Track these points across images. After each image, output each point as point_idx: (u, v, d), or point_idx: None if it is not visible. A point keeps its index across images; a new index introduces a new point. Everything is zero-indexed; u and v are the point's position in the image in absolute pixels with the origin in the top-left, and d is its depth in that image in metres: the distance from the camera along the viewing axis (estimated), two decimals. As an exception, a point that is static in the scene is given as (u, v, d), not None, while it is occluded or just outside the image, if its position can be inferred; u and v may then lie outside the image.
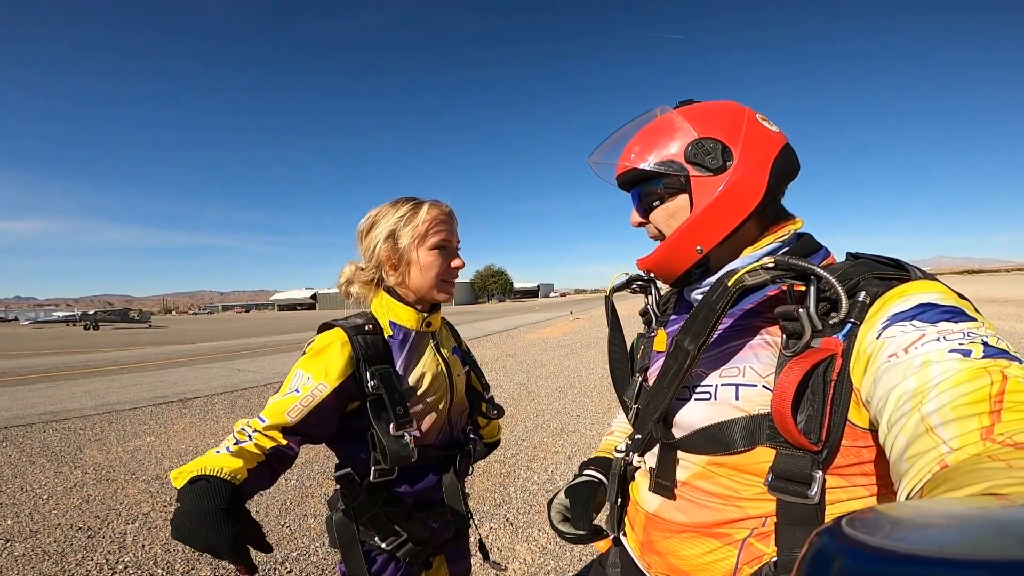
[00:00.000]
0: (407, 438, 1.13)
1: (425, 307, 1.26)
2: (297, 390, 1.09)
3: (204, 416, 6.28)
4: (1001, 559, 0.19)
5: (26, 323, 47.93)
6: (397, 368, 1.19)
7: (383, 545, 1.20)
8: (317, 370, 1.11)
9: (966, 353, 0.53)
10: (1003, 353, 0.53)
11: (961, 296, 0.64)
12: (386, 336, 1.21)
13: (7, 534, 3.16)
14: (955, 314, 0.59)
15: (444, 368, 1.27)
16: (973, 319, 0.59)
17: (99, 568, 2.77)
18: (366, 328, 1.18)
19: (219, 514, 0.91)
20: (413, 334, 1.24)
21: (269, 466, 1.09)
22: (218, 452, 1.03)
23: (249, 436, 1.07)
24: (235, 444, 1.05)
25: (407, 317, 1.23)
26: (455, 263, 1.24)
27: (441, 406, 1.25)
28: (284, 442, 1.09)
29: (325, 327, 1.19)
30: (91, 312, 40.25)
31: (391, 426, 1.12)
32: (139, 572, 2.72)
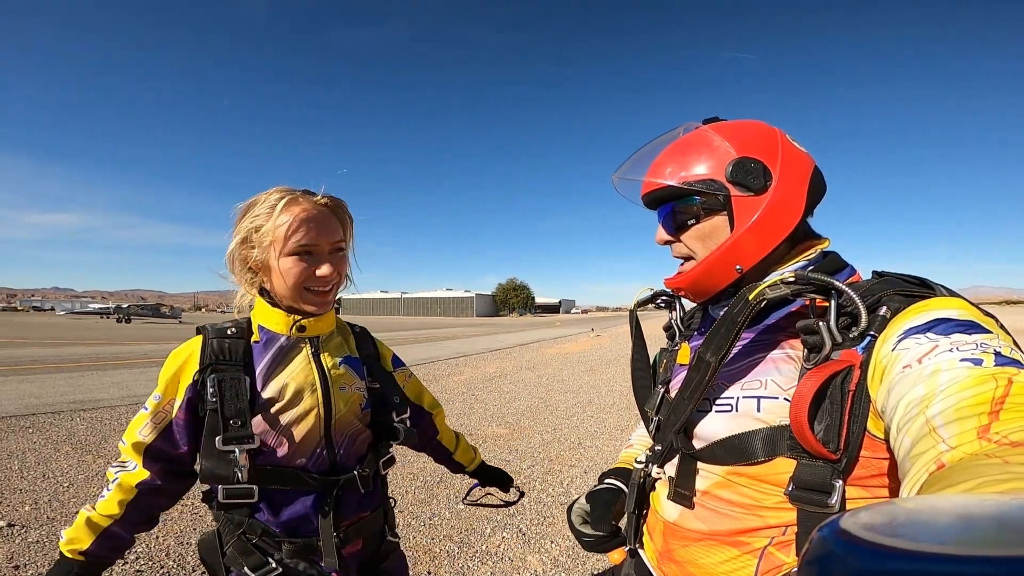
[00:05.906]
0: (237, 454, 1.00)
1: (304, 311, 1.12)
2: (147, 407, 1.06)
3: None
4: (1002, 555, 0.19)
5: (62, 313, 49.91)
6: (257, 376, 1.06)
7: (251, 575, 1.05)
8: (168, 384, 1.06)
9: (977, 362, 0.54)
10: (1014, 363, 0.54)
11: (987, 314, 0.64)
12: (252, 340, 1.10)
13: (23, 520, 3.20)
14: (969, 327, 0.60)
15: (318, 378, 1.10)
16: (988, 331, 0.60)
17: (112, 556, 2.77)
18: (228, 332, 1.08)
19: None
20: (282, 339, 1.10)
21: (139, 507, 1.06)
22: (89, 509, 1.05)
23: (114, 478, 1.06)
24: (104, 493, 1.06)
25: (275, 321, 1.10)
26: (320, 271, 1.05)
27: (310, 421, 1.07)
28: (146, 474, 1.04)
29: (197, 332, 1.12)
30: (124, 305, 41.70)
31: (218, 439, 1.00)
32: (151, 563, 2.72)
